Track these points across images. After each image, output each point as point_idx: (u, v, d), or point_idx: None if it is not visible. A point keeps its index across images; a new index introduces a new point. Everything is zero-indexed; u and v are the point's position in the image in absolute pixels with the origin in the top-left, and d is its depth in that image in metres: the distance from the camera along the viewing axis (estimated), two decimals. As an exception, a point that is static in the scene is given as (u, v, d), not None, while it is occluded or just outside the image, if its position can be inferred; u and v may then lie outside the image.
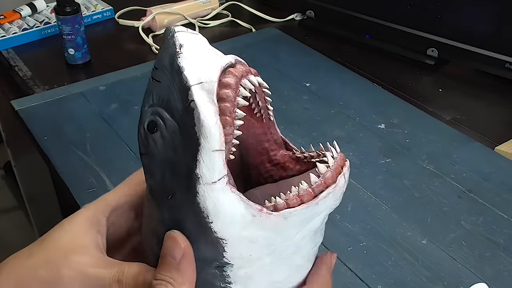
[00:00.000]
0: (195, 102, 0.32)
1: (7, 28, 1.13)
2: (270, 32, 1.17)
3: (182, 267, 0.33)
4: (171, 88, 0.34)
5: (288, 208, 0.32)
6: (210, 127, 0.32)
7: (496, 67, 0.95)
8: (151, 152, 0.35)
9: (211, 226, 0.32)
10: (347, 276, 0.61)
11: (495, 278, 0.61)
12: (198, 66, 0.33)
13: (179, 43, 0.34)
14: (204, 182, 0.32)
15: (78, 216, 0.38)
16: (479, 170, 0.77)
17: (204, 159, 0.32)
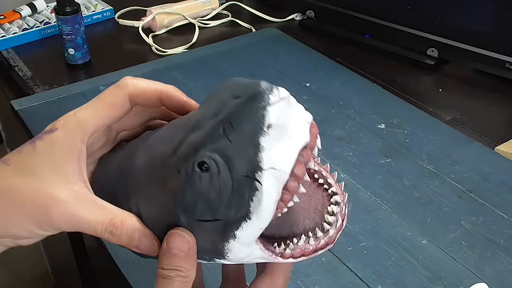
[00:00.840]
0: (262, 186, 0.34)
1: (7, 28, 1.13)
2: (270, 32, 1.17)
3: (189, 256, 0.37)
4: (241, 155, 0.34)
5: (291, 258, 0.38)
6: (266, 213, 0.35)
7: (496, 67, 0.95)
8: (191, 180, 0.35)
9: (225, 253, 0.37)
10: (347, 276, 0.61)
11: (495, 278, 0.61)
12: (277, 150, 0.34)
13: (268, 123, 0.34)
14: (240, 242, 0.36)
15: (56, 142, 0.38)
16: (479, 170, 0.77)
17: (247, 229, 0.35)
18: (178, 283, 0.37)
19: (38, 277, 1.67)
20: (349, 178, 0.75)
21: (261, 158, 0.34)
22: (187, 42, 1.14)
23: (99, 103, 0.41)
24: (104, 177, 0.42)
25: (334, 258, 0.63)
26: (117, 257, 0.63)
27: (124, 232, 0.37)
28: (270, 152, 0.34)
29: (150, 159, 0.39)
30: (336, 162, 0.78)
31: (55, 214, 0.36)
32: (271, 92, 0.35)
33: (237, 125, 0.34)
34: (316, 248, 0.38)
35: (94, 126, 0.39)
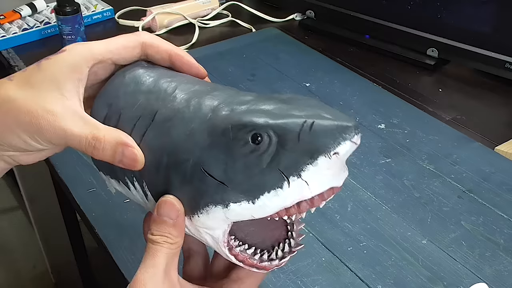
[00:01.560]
0: (287, 189, 0.37)
1: (7, 28, 1.13)
2: (270, 32, 1.17)
3: (177, 224, 0.39)
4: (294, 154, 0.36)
5: (233, 257, 0.41)
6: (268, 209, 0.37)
7: (496, 67, 0.95)
8: (233, 141, 0.37)
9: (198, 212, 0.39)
10: (347, 276, 0.61)
11: (495, 278, 0.61)
12: (321, 174, 0.37)
13: (337, 152, 0.36)
14: (225, 213, 0.38)
15: (61, 61, 0.40)
16: (479, 170, 0.77)
17: (243, 209, 0.37)
18: (165, 249, 0.39)
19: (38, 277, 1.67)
20: (349, 178, 0.75)
21: (307, 169, 0.36)
22: (187, 42, 1.14)
23: (113, 41, 0.43)
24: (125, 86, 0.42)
25: (334, 258, 0.63)
26: (117, 257, 0.63)
27: (107, 146, 0.38)
28: (316, 170, 0.36)
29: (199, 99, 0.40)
30: (336, 162, 0.78)
31: (45, 125, 0.38)
32: (357, 134, 0.37)
33: (315, 132, 0.36)
34: (255, 264, 0.41)
35: (101, 56, 0.42)
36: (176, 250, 0.40)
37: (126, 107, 0.41)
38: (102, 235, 0.66)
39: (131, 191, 0.43)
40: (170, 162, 0.39)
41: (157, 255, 0.39)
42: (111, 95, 0.42)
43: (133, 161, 0.39)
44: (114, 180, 0.44)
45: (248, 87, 0.96)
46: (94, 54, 0.41)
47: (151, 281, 0.39)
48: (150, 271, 0.39)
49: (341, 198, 0.72)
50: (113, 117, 0.41)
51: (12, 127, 0.39)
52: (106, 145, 0.38)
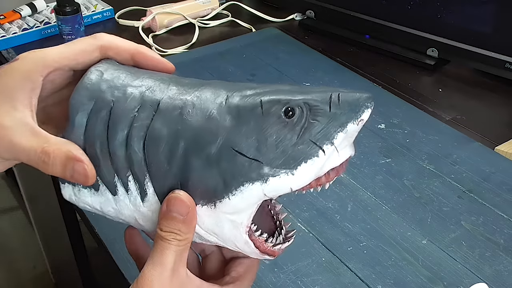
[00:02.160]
0: (323, 156, 0.38)
1: (7, 28, 1.13)
2: (270, 32, 1.17)
3: (187, 220, 0.38)
4: (325, 124, 0.39)
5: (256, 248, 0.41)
6: (306, 178, 0.38)
7: (496, 67, 0.95)
8: (265, 116, 0.38)
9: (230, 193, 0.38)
10: (347, 276, 0.61)
11: (495, 278, 0.61)
12: (350, 137, 0.40)
13: (363, 118, 0.40)
14: (263, 189, 0.38)
15: (13, 71, 0.38)
16: (479, 170, 0.77)
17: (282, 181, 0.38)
18: (174, 246, 0.38)
19: (38, 277, 1.67)
20: (349, 178, 0.75)
21: (338, 137, 0.39)
22: (187, 42, 1.14)
23: (69, 46, 0.40)
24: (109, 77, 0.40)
25: (334, 258, 0.63)
26: (117, 257, 0.63)
27: (57, 161, 0.36)
28: (345, 137, 0.39)
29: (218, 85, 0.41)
30: (336, 162, 0.78)
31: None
32: (372, 103, 0.41)
33: (343, 103, 0.39)
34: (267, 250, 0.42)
35: (56, 63, 0.39)
36: (185, 247, 0.39)
37: (118, 100, 0.39)
38: (102, 235, 0.66)
39: (118, 195, 0.40)
40: (189, 147, 0.38)
41: (165, 253, 0.38)
42: (93, 89, 0.39)
43: (84, 177, 0.37)
44: (86, 188, 0.40)
45: (248, 87, 0.96)
46: (48, 62, 0.39)
47: (158, 279, 0.38)
48: (158, 269, 0.38)
49: (341, 198, 0.72)
50: (102, 110, 0.39)
51: None
52: (56, 160, 0.36)
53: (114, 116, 0.39)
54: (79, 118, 0.39)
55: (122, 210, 0.40)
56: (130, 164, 0.39)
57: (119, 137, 0.38)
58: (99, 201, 0.41)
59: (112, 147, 0.39)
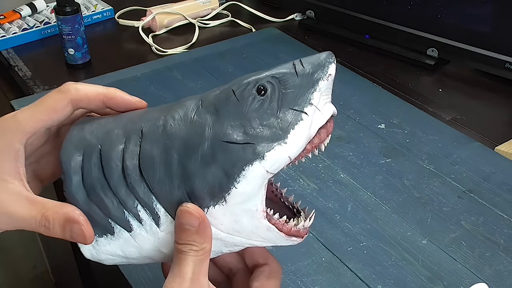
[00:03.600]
0: (308, 117, 0.39)
1: (7, 28, 1.13)
2: (270, 32, 1.17)
3: (201, 230, 0.39)
4: (299, 89, 0.40)
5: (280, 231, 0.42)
6: (300, 142, 0.39)
7: (496, 67, 0.95)
8: (241, 102, 0.40)
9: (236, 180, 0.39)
10: (347, 276, 0.61)
11: (495, 278, 0.61)
12: (324, 98, 0.41)
13: (331, 73, 0.41)
14: (263, 165, 0.38)
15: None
16: (479, 170, 0.77)
17: (278, 153, 0.39)
18: (191, 257, 0.39)
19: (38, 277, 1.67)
20: (349, 178, 0.75)
21: (314, 96, 0.40)
22: (187, 42, 1.14)
23: (41, 106, 0.41)
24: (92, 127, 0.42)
25: (334, 258, 0.63)
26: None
27: (56, 224, 0.38)
28: (320, 95, 0.40)
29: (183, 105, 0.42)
30: (336, 162, 0.78)
31: None
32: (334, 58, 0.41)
33: (306, 66, 0.40)
34: (292, 232, 0.42)
35: (33, 128, 0.40)
36: (203, 256, 0.40)
37: (104, 142, 0.40)
38: (102, 235, 0.66)
39: (134, 230, 0.41)
40: (182, 156, 0.39)
41: (183, 264, 0.39)
42: (77, 141, 0.41)
43: (82, 237, 0.38)
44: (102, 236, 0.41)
45: (248, 87, 0.96)
46: (25, 128, 0.40)
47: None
48: (177, 280, 0.39)
49: (341, 198, 0.72)
50: (92, 155, 0.40)
51: None
52: (55, 223, 0.38)
53: (105, 156, 0.40)
54: (73, 170, 0.40)
55: (143, 245, 0.41)
56: (134, 193, 0.40)
57: (115, 172, 0.40)
58: (119, 245, 0.41)
59: (113, 184, 0.40)
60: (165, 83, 0.98)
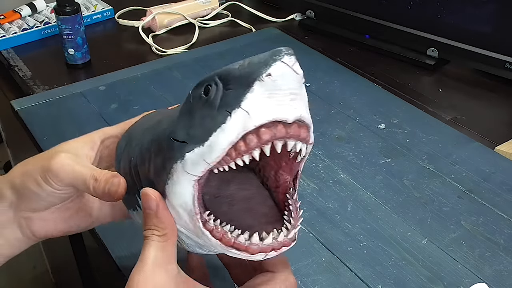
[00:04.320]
0: (230, 121, 0.36)
1: (7, 28, 1.13)
2: (270, 32, 1.17)
3: (159, 214, 0.40)
4: (236, 89, 0.37)
5: (209, 231, 0.39)
6: (217, 146, 0.37)
7: (496, 67, 0.95)
8: (192, 101, 0.40)
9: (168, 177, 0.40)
10: (347, 276, 0.61)
11: (495, 278, 0.61)
12: (261, 102, 0.36)
13: (270, 72, 0.36)
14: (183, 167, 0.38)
15: (79, 138, 0.51)
16: (479, 170, 0.77)
17: (194, 155, 0.38)
18: (153, 242, 0.40)
19: (38, 277, 1.67)
20: (349, 178, 0.75)
21: (246, 98, 0.36)
22: (187, 42, 1.14)
23: (120, 124, 0.54)
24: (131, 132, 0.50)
25: (334, 258, 0.63)
26: (117, 257, 0.63)
27: (102, 179, 0.45)
28: (254, 98, 0.36)
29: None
30: (336, 162, 0.78)
31: (57, 163, 0.45)
32: (288, 55, 0.37)
33: (251, 64, 0.37)
34: (233, 243, 0.39)
35: (111, 131, 0.52)
36: (166, 243, 0.40)
37: (134, 139, 0.48)
38: (102, 235, 0.66)
39: (138, 211, 0.47)
40: (155, 150, 0.42)
41: (145, 249, 0.40)
42: (126, 136, 0.50)
43: (117, 186, 0.45)
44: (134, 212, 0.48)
45: (248, 87, 0.96)
46: (106, 131, 0.52)
47: (138, 274, 0.40)
48: (139, 264, 0.40)
49: (341, 198, 0.72)
50: (127, 148, 0.48)
51: (30, 171, 0.47)
52: (102, 179, 0.45)
53: (130, 149, 0.47)
54: (117, 154, 0.50)
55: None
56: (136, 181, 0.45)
57: (129, 160, 0.47)
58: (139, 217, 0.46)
59: (130, 167, 0.46)
60: (165, 83, 0.98)
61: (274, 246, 0.39)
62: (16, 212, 0.49)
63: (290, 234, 0.40)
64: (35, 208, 0.48)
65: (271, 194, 0.45)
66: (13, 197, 0.48)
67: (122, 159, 0.48)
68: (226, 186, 0.46)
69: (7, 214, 0.49)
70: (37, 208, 0.48)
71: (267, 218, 0.43)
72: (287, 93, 0.37)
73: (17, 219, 0.49)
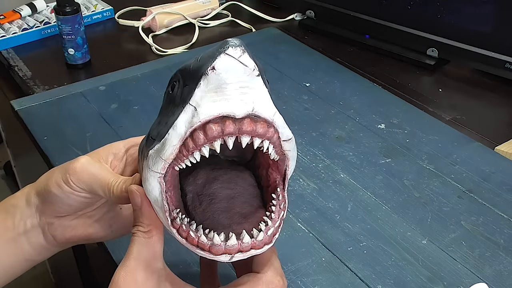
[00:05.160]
0: (179, 117, 0.36)
1: (7, 28, 1.13)
2: (270, 32, 1.17)
3: (144, 211, 0.41)
4: (189, 84, 0.37)
5: (174, 229, 0.39)
6: (168, 143, 0.37)
7: (496, 67, 0.95)
8: (164, 98, 0.42)
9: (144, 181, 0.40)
10: (347, 276, 0.61)
11: (495, 278, 0.61)
12: (208, 97, 0.35)
13: (213, 66, 0.35)
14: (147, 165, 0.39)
15: (106, 145, 0.51)
16: (479, 170, 0.77)
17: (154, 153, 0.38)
18: (138, 238, 0.40)
19: (38, 277, 1.66)
20: (349, 178, 0.75)
21: (194, 94, 0.36)
22: (187, 42, 1.14)
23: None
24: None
25: (334, 258, 0.63)
26: (117, 257, 0.63)
27: (121, 187, 0.45)
28: (201, 93, 0.36)
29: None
30: (336, 162, 0.78)
31: (79, 166, 0.46)
32: (235, 46, 0.35)
33: (202, 59, 0.36)
34: (197, 243, 0.38)
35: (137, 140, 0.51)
36: (150, 240, 0.40)
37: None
38: (102, 235, 0.66)
39: None
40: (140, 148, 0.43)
41: (131, 245, 0.41)
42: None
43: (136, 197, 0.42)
44: None
45: (248, 87, 0.96)
46: (132, 140, 0.51)
47: (121, 269, 0.40)
48: (123, 260, 0.41)
49: (341, 198, 0.72)
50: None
51: (54, 174, 0.48)
52: (118, 190, 0.45)
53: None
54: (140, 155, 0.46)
55: None
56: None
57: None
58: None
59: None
60: (165, 83, 0.97)
61: (241, 248, 0.37)
62: (41, 217, 0.50)
63: (259, 236, 0.38)
64: (57, 212, 0.49)
65: (262, 194, 0.44)
66: (38, 202, 0.49)
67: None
68: (210, 185, 0.44)
69: (33, 219, 0.50)
70: (59, 212, 0.49)
71: (245, 218, 0.41)
72: (236, 86, 0.35)
73: (42, 224, 0.50)
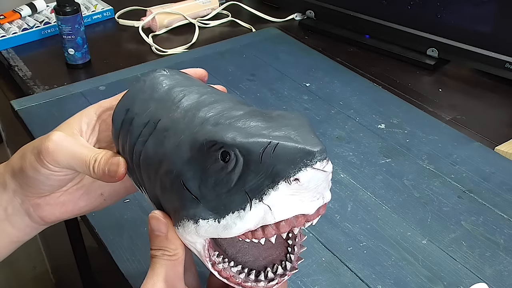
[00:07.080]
0: (249, 212, 0.36)
1: (7, 28, 1.13)
2: (270, 32, 1.17)
3: (170, 237, 0.41)
4: (258, 175, 0.36)
5: (217, 272, 0.41)
6: (233, 230, 0.37)
7: (496, 67, 0.95)
8: (207, 155, 0.37)
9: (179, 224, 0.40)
10: (347, 276, 0.61)
11: (495, 278, 0.61)
12: (285, 199, 0.36)
13: (298, 178, 0.35)
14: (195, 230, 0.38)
15: (76, 114, 0.49)
16: (479, 170, 0.77)
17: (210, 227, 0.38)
18: (165, 261, 0.41)
19: (38, 277, 1.67)
20: (349, 178, 0.75)
21: (268, 193, 0.35)
22: (187, 42, 1.14)
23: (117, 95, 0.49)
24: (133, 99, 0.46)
25: (334, 258, 0.63)
26: (117, 257, 0.63)
27: (102, 161, 0.44)
28: (278, 195, 0.35)
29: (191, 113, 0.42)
30: (336, 162, 0.78)
31: (52, 146, 0.44)
32: (321, 160, 0.35)
33: (277, 155, 0.35)
34: (240, 283, 0.40)
35: (107, 104, 0.49)
36: (176, 261, 0.41)
37: (139, 113, 0.44)
38: (102, 235, 0.66)
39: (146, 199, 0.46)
40: (161, 170, 0.40)
41: (156, 267, 0.41)
42: (130, 100, 0.45)
43: (117, 166, 0.44)
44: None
45: (248, 87, 0.96)
46: (102, 104, 0.49)
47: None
48: (150, 282, 0.41)
49: (341, 198, 0.72)
50: (127, 121, 0.44)
51: (27, 154, 0.46)
52: (102, 160, 0.44)
53: (132, 128, 0.44)
54: (115, 125, 0.46)
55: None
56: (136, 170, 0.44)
57: (130, 146, 0.44)
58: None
59: (129, 153, 0.44)
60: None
61: (273, 283, 0.41)
62: (22, 199, 0.48)
63: (288, 265, 0.42)
64: (39, 194, 0.47)
65: None
66: (15, 186, 0.47)
67: (121, 136, 0.45)
68: None
69: (13, 203, 0.48)
70: (42, 193, 0.47)
71: (270, 251, 0.44)
72: (314, 188, 0.37)
73: (25, 207, 0.48)
